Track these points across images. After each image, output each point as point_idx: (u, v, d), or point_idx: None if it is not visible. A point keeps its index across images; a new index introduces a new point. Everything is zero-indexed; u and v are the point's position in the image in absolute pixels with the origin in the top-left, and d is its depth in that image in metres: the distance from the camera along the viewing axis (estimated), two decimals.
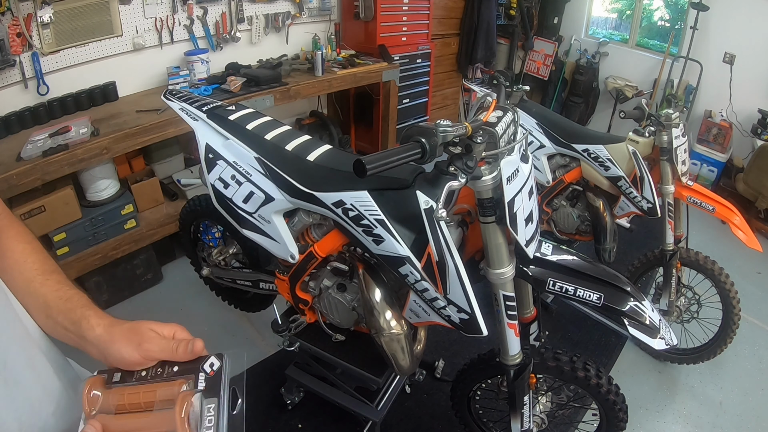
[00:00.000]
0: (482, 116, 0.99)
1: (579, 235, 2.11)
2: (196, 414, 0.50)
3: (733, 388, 1.95)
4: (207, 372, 0.53)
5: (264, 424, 1.70)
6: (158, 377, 0.53)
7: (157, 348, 0.54)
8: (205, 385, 0.52)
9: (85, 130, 1.91)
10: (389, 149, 0.82)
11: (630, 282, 1.06)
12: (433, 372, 1.80)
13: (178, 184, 2.50)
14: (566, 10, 4.41)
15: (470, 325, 1.03)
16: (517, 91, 1.88)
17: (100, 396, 0.51)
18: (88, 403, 0.50)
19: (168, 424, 0.48)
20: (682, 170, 1.77)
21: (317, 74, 2.80)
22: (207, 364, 0.54)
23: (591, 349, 2.09)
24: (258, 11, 2.85)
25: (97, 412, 0.50)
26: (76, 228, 2.02)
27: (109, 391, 0.52)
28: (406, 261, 1.02)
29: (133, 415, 0.50)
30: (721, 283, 1.78)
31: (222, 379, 0.53)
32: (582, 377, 1.19)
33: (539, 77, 4.52)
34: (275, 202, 1.26)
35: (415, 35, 3.43)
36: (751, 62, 3.40)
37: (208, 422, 0.49)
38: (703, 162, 3.59)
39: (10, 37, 1.94)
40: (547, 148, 1.99)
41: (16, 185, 1.70)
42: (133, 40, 2.39)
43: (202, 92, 2.36)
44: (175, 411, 0.48)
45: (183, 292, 2.34)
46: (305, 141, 1.31)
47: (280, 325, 1.44)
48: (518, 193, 0.98)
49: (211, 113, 1.41)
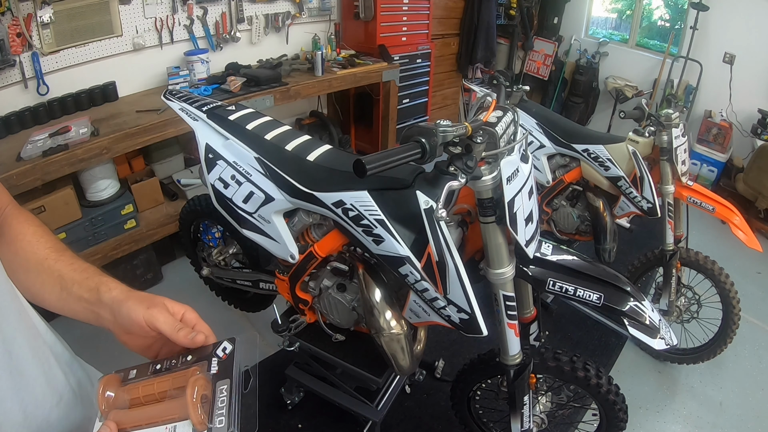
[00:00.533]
0: (482, 116, 0.99)
1: (579, 235, 2.11)
2: (208, 397, 0.50)
3: (733, 388, 1.95)
4: (220, 356, 0.54)
5: (264, 424, 1.69)
6: (173, 368, 0.53)
7: (162, 319, 0.54)
8: (218, 369, 0.53)
9: (85, 130, 1.91)
10: (389, 149, 0.82)
11: (630, 282, 1.06)
12: (433, 372, 1.80)
13: (178, 184, 2.50)
14: (566, 10, 4.42)
15: (470, 325, 1.03)
16: (517, 91, 1.88)
17: (113, 396, 0.51)
18: (104, 403, 0.50)
19: (182, 409, 0.48)
20: (682, 170, 1.77)
21: (317, 74, 2.80)
22: (219, 348, 0.55)
23: (591, 349, 2.09)
24: (258, 11, 2.85)
25: (112, 408, 0.50)
26: (76, 228, 2.02)
27: (123, 388, 0.52)
28: (406, 261, 1.02)
29: (147, 406, 0.50)
30: (721, 283, 1.78)
31: (234, 361, 0.54)
32: (582, 377, 1.19)
33: (539, 77, 4.52)
34: (275, 202, 1.26)
35: (415, 35, 3.43)
36: (751, 62, 3.40)
37: (220, 403, 0.50)
38: (703, 162, 3.59)
39: (10, 37, 1.94)
40: (547, 148, 1.99)
41: (16, 185, 1.70)
42: (133, 40, 2.39)
43: (202, 92, 2.36)
44: (186, 394, 0.48)
45: (183, 292, 2.33)
46: (305, 141, 1.31)
47: (280, 325, 1.44)
48: (518, 193, 0.98)
49: (211, 113, 1.41)
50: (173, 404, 0.49)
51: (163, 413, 0.49)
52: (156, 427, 0.48)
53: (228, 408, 0.49)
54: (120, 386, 0.52)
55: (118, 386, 0.52)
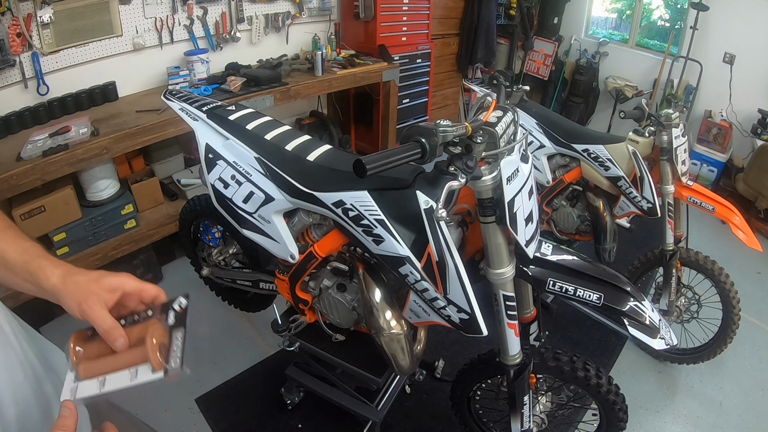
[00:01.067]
0: (482, 116, 0.99)
1: (579, 235, 2.11)
2: (166, 345, 0.58)
3: (733, 388, 1.95)
4: (176, 310, 0.63)
5: (264, 424, 1.70)
6: (136, 322, 0.61)
7: (94, 317, 0.56)
8: (175, 320, 0.62)
9: (85, 130, 1.91)
10: (389, 149, 0.82)
11: (630, 282, 1.06)
12: (433, 372, 1.80)
13: (178, 184, 2.50)
14: (566, 10, 4.42)
15: (470, 325, 1.03)
16: (517, 91, 1.87)
17: (82, 351, 0.58)
18: (75, 356, 0.58)
19: (142, 355, 0.56)
20: (682, 170, 1.77)
21: (317, 74, 2.80)
22: (176, 303, 0.64)
23: (591, 349, 2.09)
24: (258, 11, 2.85)
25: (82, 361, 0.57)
26: (76, 228, 2.02)
27: (90, 343, 0.59)
28: (406, 261, 1.03)
29: (113, 356, 0.58)
30: (721, 283, 1.78)
31: (188, 314, 0.62)
32: (582, 377, 1.19)
33: (539, 77, 4.52)
34: (275, 202, 1.26)
35: (415, 35, 3.43)
36: (751, 62, 3.40)
37: (175, 348, 0.58)
38: (703, 162, 3.59)
39: (10, 37, 1.94)
40: (547, 148, 1.99)
41: (16, 185, 1.70)
42: (133, 40, 2.39)
43: (202, 92, 2.36)
44: (147, 341, 0.56)
45: (183, 292, 2.33)
46: (305, 141, 1.31)
47: (280, 325, 1.44)
48: (518, 193, 0.98)
49: (211, 113, 1.41)
50: (135, 352, 0.57)
51: (127, 360, 0.57)
52: (121, 372, 0.57)
53: (182, 352, 0.58)
54: (88, 341, 0.59)
55: (87, 341, 0.59)
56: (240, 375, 1.89)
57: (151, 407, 1.74)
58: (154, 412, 1.73)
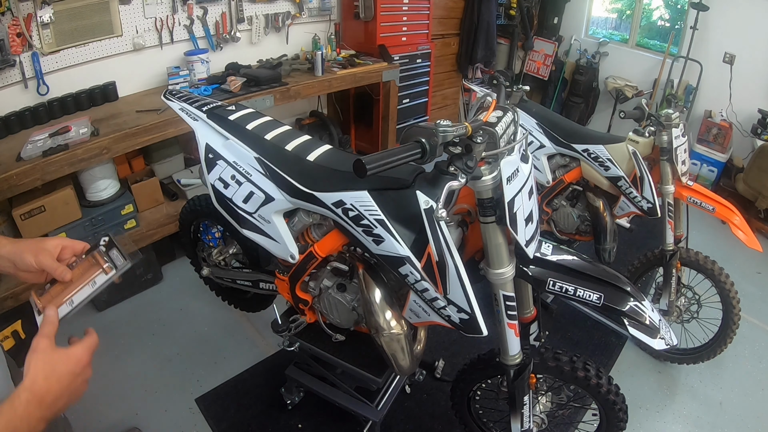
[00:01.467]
0: (482, 116, 0.99)
1: (579, 235, 2.11)
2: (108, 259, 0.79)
3: (733, 388, 1.96)
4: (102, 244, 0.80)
5: (264, 424, 1.70)
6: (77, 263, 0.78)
7: (46, 262, 0.74)
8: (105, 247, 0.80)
9: (85, 130, 1.91)
10: (389, 149, 0.82)
11: (630, 282, 1.06)
12: (433, 372, 1.80)
13: (178, 184, 2.50)
14: (566, 10, 4.42)
15: (470, 325, 1.03)
16: (517, 91, 1.87)
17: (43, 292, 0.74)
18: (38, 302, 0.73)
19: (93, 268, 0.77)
20: (682, 170, 1.77)
21: (317, 74, 2.80)
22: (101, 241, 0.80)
23: (591, 349, 2.09)
24: (258, 11, 2.85)
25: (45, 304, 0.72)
26: (76, 228, 2.02)
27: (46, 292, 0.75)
28: (406, 261, 1.02)
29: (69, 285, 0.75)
30: (721, 283, 1.78)
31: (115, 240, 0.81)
32: (582, 377, 1.19)
33: (539, 77, 4.52)
34: (275, 202, 1.26)
35: (415, 35, 3.43)
36: (751, 62, 3.40)
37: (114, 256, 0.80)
38: (703, 162, 3.59)
39: (10, 37, 1.94)
40: (547, 148, 1.99)
41: (16, 185, 1.70)
42: (133, 40, 2.39)
43: (202, 92, 2.36)
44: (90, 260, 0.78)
45: (183, 292, 2.34)
46: (305, 141, 1.31)
47: (280, 325, 1.44)
48: (518, 193, 0.98)
49: (211, 113, 1.41)
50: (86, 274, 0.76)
51: (82, 278, 0.75)
52: (82, 288, 0.75)
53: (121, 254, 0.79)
54: (44, 292, 0.75)
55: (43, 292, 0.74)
56: (240, 375, 1.89)
57: (151, 407, 1.75)
58: (154, 412, 1.73)
